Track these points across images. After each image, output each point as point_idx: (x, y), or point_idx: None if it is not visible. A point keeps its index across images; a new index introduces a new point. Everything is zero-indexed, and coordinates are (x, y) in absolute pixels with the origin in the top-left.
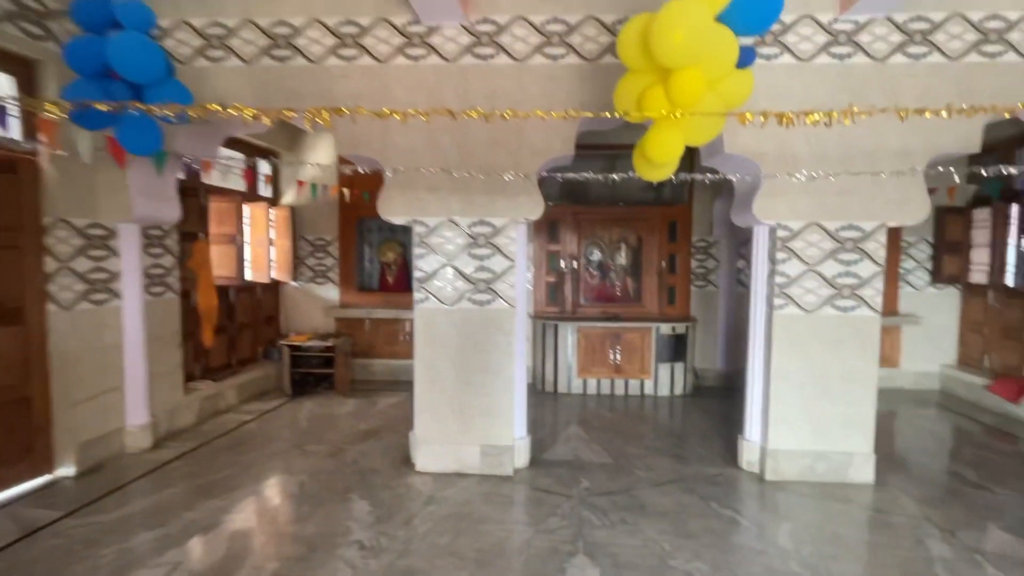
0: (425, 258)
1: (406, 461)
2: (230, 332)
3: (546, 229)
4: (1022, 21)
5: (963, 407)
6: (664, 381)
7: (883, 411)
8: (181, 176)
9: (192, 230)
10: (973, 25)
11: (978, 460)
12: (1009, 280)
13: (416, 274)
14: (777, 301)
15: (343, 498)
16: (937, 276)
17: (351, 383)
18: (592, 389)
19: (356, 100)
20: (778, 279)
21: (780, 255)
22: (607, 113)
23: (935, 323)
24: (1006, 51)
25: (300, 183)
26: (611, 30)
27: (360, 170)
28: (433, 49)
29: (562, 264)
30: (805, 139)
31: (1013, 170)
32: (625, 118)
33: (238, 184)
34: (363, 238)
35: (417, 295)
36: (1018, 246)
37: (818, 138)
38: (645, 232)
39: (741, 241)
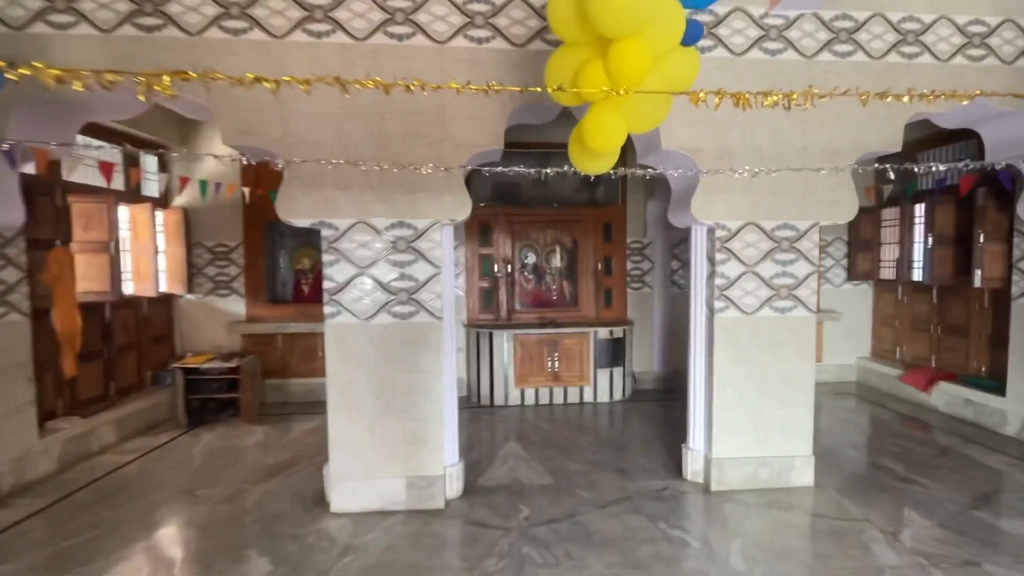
0: (336, 266)
1: (320, 501)
2: (106, 356)
3: (478, 232)
4: (936, 24)
5: (879, 397)
6: (603, 387)
7: None
8: (29, 171)
9: (46, 237)
10: (892, 26)
11: (902, 452)
12: (916, 275)
13: (326, 284)
14: (717, 304)
15: (237, 557)
16: (852, 273)
17: (261, 407)
18: (530, 399)
19: None
20: (718, 281)
21: (719, 256)
22: (537, 88)
23: (851, 318)
24: (922, 52)
25: (183, 180)
26: (539, 14)
27: (245, 161)
28: (339, 25)
29: (495, 268)
30: (740, 136)
31: (943, 167)
32: (558, 100)
33: (114, 182)
34: (274, 244)
35: (328, 308)
36: (924, 243)
37: (752, 135)
38: (580, 234)
39: (675, 242)
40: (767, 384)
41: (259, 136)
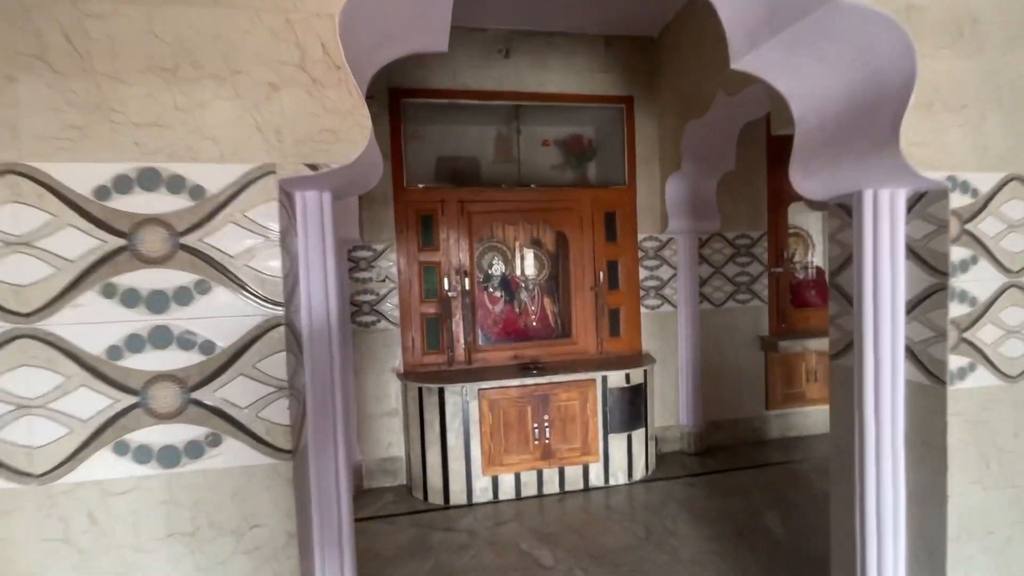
0: None
1: None
2: None
3: (416, 227)
4: None
5: None
6: (619, 462)
7: None
8: None
9: None
10: None
11: None
12: None
13: None
14: (953, 361)
15: None
16: None
17: None
18: (508, 491)
19: None
20: (956, 310)
21: (957, 252)
22: None
23: None
24: None
25: None
26: None
27: None
28: None
29: (445, 284)
30: None
31: None
32: None
33: None
34: None
35: None
36: None
37: None
38: (570, 228)
39: (704, 237)
40: None
41: None
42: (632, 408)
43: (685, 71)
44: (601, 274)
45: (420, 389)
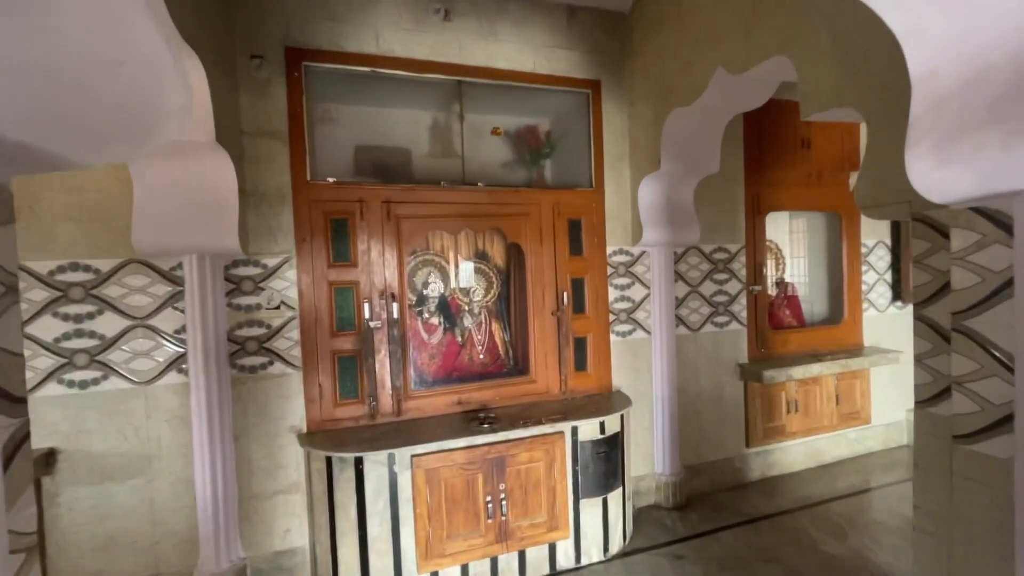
0: None
1: None
2: None
3: (326, 234)
4: None
5: None
6: (592, 534)
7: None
8: None
9: None
10: None
11: None
12: None
13: None
14: None
15: None
16: (902, 292)
17: None
18: None
19: None
20: None
21: None
22: None
23: (903, 355)
24: None
25: None
26: None
27: None
28: None
29: (366, 311)
30: None
31: None
32: None
33: None
34: None
35: None
36: None
37: None
38: (527, 239)
39: (680, 251)
40: None
41: None
42: (608, 465)
43: (668, 49)
44: (565, 295)
45: (328, 460)
